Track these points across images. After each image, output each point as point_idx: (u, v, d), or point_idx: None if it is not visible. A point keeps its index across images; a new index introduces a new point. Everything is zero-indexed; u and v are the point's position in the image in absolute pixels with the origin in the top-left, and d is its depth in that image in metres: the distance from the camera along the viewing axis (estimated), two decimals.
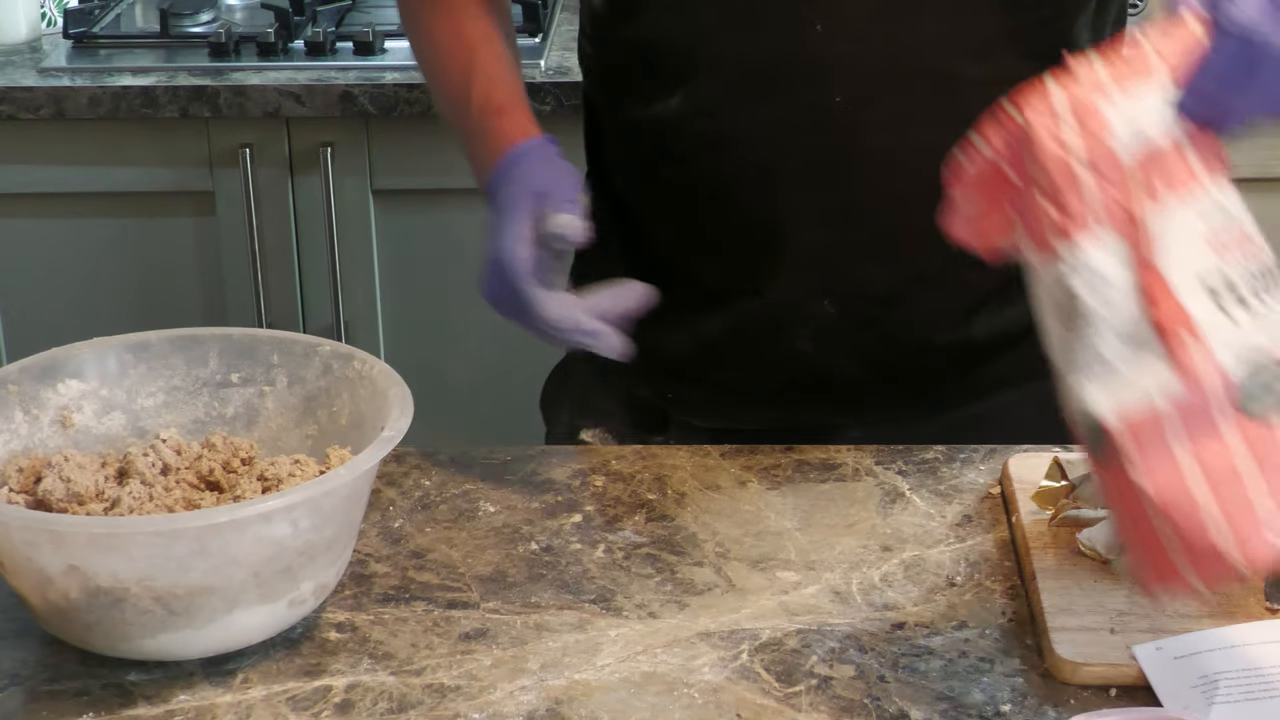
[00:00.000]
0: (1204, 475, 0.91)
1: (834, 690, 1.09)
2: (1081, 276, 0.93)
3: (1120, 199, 0.92)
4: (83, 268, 2.54)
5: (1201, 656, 1.09)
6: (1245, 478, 0.91)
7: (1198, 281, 0.92)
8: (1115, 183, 0.93)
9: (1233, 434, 0.91)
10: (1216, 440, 0.91)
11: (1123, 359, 0.92)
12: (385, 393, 1.19)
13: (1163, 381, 0.91)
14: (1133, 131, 0.93)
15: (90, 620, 1.08)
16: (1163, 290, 0.91)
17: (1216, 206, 0.94)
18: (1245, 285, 0.92)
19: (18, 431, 1.21)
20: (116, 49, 2.56)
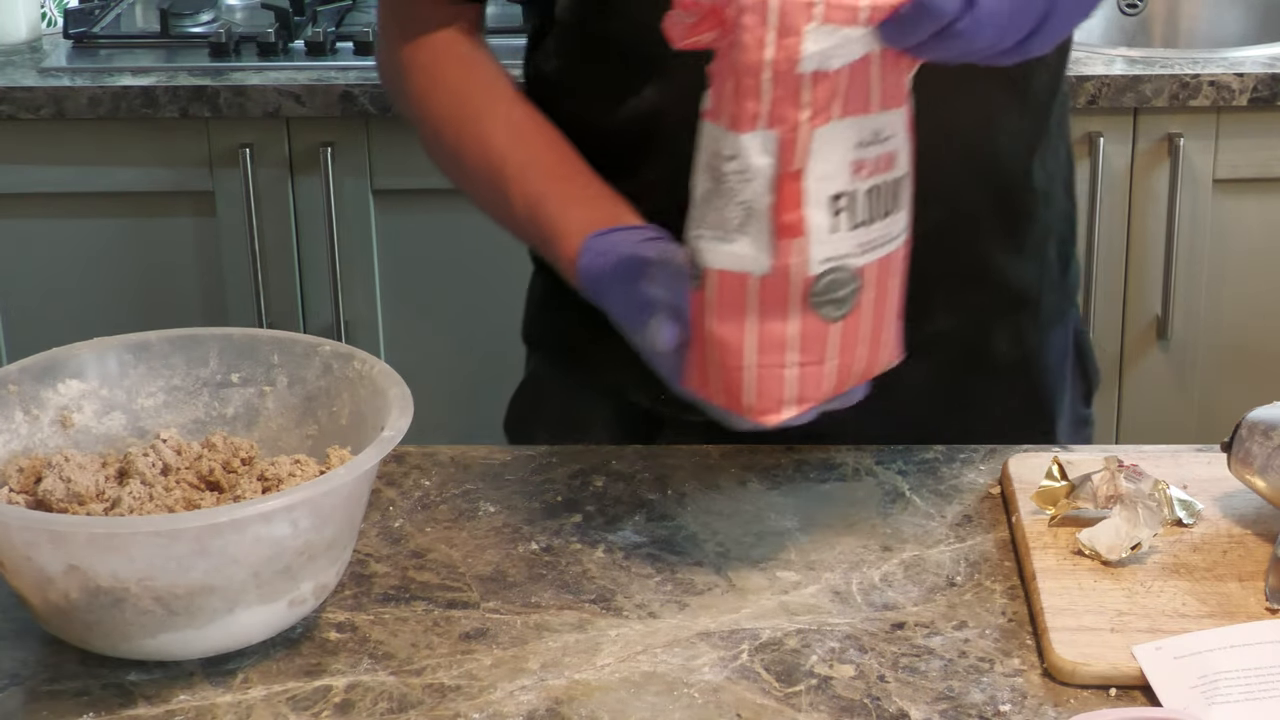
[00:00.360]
0: (758, 343, 1.12)
1: (834, 690, 1.09)
2: (738, 160, 1.09)
3: (789, 114, 1.06)
4: (83, 268, 2.54)
5: (1201, 656, 1.09)
6: (788, 357, 1.12)
7: (827, 196, 1.09)
8: (789, 99, 1.06)
9: (795, 321, 1.11)
10: (780, 321, 1.11)
11: (742, 231, 1.10)
12: (385, 393, 1.19)
13: (762, 262, 1.10)
14: (822, 52, 1.05)
15: (90, 620, 1.08)
16: (795, 200, 1.08)
17: (873, 131, 1.09)
18: (864, 204, 1.10)
19: (18, 431, 1.21)
20: (116, 49, 2.56)
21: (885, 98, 1.10)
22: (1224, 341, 2.57)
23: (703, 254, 1.12)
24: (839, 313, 1.12)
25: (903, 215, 1.14)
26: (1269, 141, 2.47)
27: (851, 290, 1.12)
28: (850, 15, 1.05)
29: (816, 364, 1.13)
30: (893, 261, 1.15)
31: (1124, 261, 2.53)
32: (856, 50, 1.07)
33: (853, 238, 1.11)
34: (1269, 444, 1.22)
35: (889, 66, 1.09)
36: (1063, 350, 1.52)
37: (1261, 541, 1.22)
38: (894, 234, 1.14)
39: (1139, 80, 2.41)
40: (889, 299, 1.16)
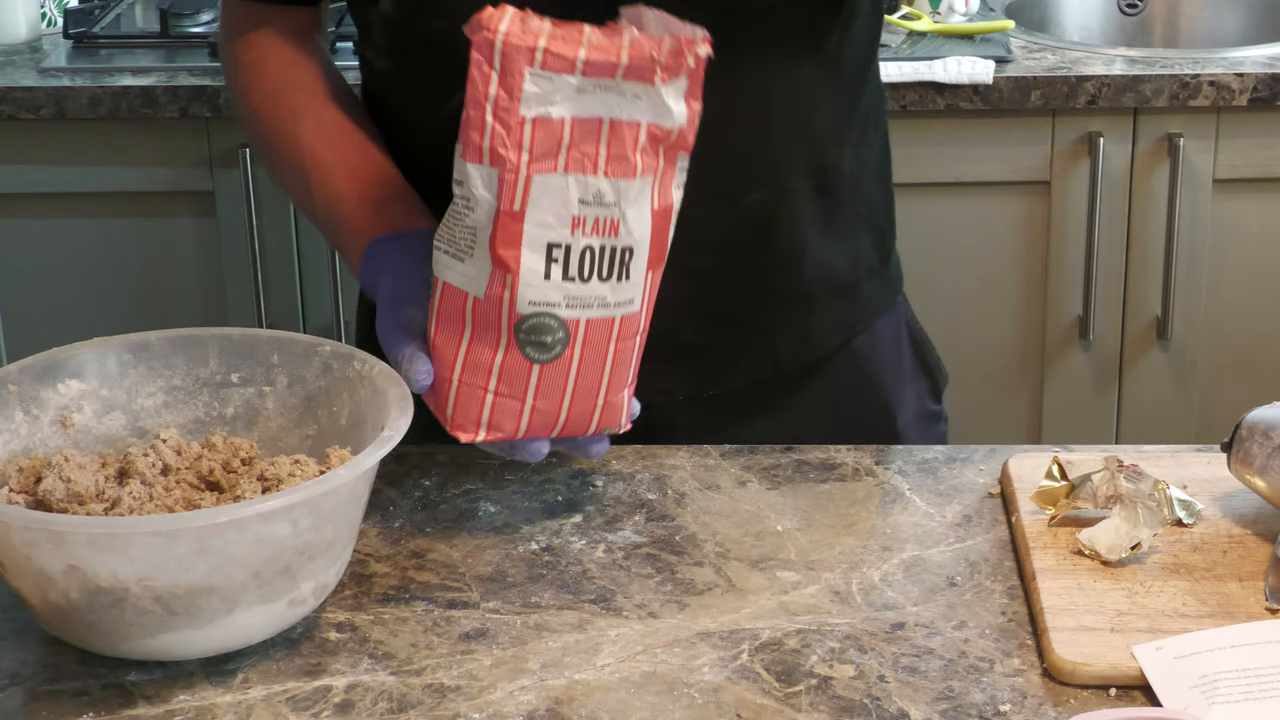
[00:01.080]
0: (466, 361, 1.19)
1: (834, 690, 1.09)
2: (465, 187, 1.16)
3: (510, 155, 1.13)
4: (83, 268, 2.54)
5: (1201, 656, 1.09)
6: (490, 383, 1.19)
7: (543, 242, 1.15)
8: (511, 139, 1.13)
9: (500, 352, 1.18)
10: (489, 347, 1.18)
11: (468, 252, 1.17)
12: (385, 393, 1.19)
13: (480, 286, 1.17)
14: (541, 96, 1.12)
15: (90, 620, 1.08)
16: (510, 238, 1.15)
17: (595, 192, 1.14)
18: (580, 261, 1.15)
19: (18, 431, 1.21)
20: (116, 49, 2.56)
21: (612, 165, 1.14)
22: (1224, 341, 2.57)
23: (437, 264, 1.19)
24: (542, 356, 1.18)
25: (630, 287, 1.18)
26: (1269, 141, 2.47)
27: (558, 339, 1.18)
28: (568, 65, 1.11)
29: (514, 399, 1.20)
30: (612, 327, 1.19)
31: (1124, 261, 2.53)
32: (583, 107, 1.12)
33: (564, 289, 1.16)
34: (1269, 444, 1.22)
35: (621, 137, 1.14)
36: (894, 343, 1.53)
37: (1261, 541, 1.22)
38: (615, 301, 1.18)
39: (1139, 80, 2.41)
40: (608, 364, 1.20)
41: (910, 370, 1.54)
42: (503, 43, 1.11)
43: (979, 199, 2.51)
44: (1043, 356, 2.58)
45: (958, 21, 2.58)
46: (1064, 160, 2.48)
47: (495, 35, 1.11)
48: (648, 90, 1.13)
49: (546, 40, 1.12)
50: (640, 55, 1.12)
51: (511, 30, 1.12)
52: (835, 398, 1.49)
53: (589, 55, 1.12)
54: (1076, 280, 2.52)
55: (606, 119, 1.13)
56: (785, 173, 1.39)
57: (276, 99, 1.44)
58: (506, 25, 1.12)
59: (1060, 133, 2.46)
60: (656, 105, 1.14)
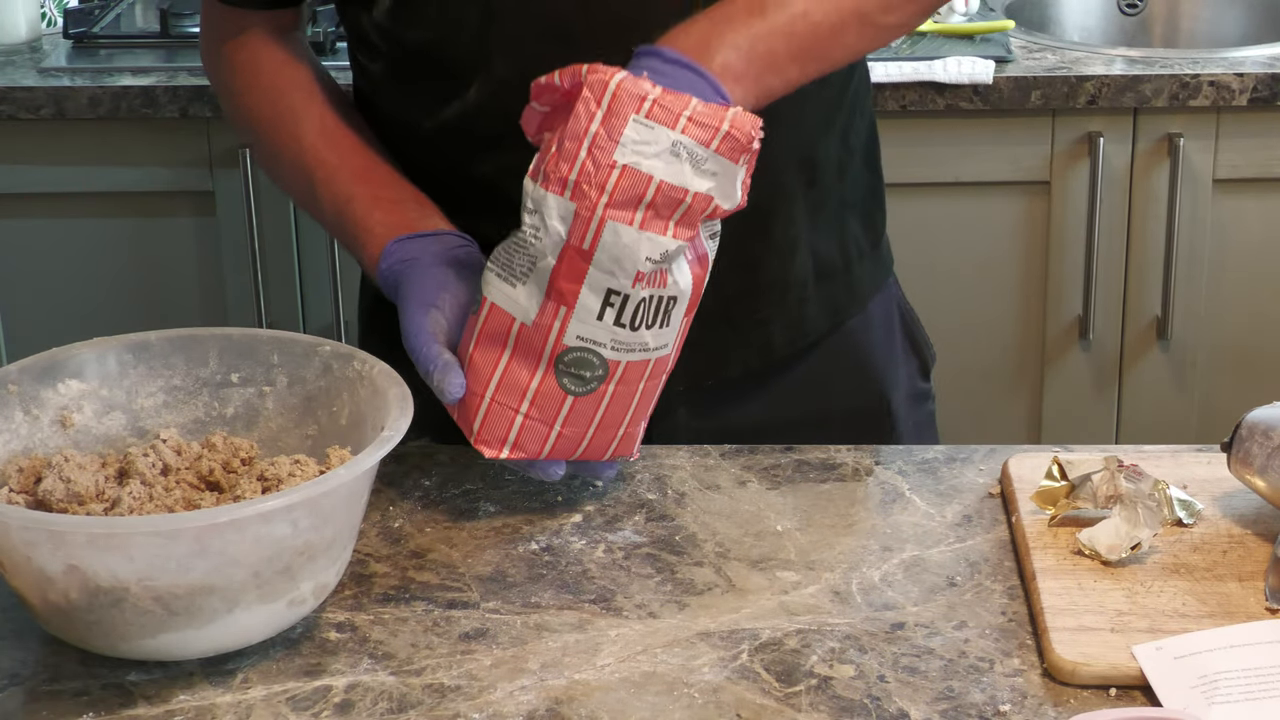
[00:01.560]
0: (502, 381, 1.22)
1: (834, 690, 1.09)
2: (537, 215, 1.18)
3: (592, 193, 1.16)
4: (83, 268, 2.54)
5: (1201, 656, 1.09)
6: (522, 406, 1.23)
7: (604, 286, 1.18)
8: (595, 179, 1.15)
9: (538, 378, 1.22)
10: (527, 371, 1.22)
11: (523, 279, 1.20)
12: (385, 393, 1.19)
13: (530, 313, 1.20)
14: (638, 145, 1.15)
15: (90, 620, 1.08)
16: (574, 274, 1.18)
17: (664, 254, 1.17)
18: (634, 309, 1.19)
19: (18, 431, 1.21)
20: (116, 49, 2.56)
21: (680, 230, 1.17)
22: (1224, 341, 2.57)
23: (487, 285, 1.22)
24: (578, 389, 1.22)
25: (669, 333, 1.22)
26: (1269, 141, 2.47)
27: (597, 375, 1.22)
28: (672, 118, 1.15)
29: (544, 423, 1.23)
30: (645, 369, 1.23)
31: (1124, 261, 2.53)
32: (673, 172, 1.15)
33: (613, 332, 1.20)
34: (1269, 444, 1.22)
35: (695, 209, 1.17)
36: (887, 322, 1.53)
37: (1261, 541, 1.22)
38: (654, 345, 1.22)
39: (1139, 80, 2.41)
40: (635, 400, 1.24)
41: (901, 350, 1.55)
42: (616, 85, 1.15)
43: (979, 199, 2.51)
44: (1043, 356, 2.58)
45: (958, 21, 2.58)
46: (1064, 160, 2.48)
47: (610, 77, 1.15)
48: (728, 168, 1.17)
49: (658, 94, 1.16)
50: (740, 130, 1.16)
51: (626, 79, 1.16)
52: (829, 379, 1.49)
53: (693, 115, 1.16)
54: (1076, 280, 2.52)
55: (691, 193, 1.16)
56: (777, 170, 1.40)
57: (275, 99, 1.44)
58: (623, 75, 1.16)
59: (1060, 133, 2.46)
60: (727, 185, 1.17)
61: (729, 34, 1.22)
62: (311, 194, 1.41)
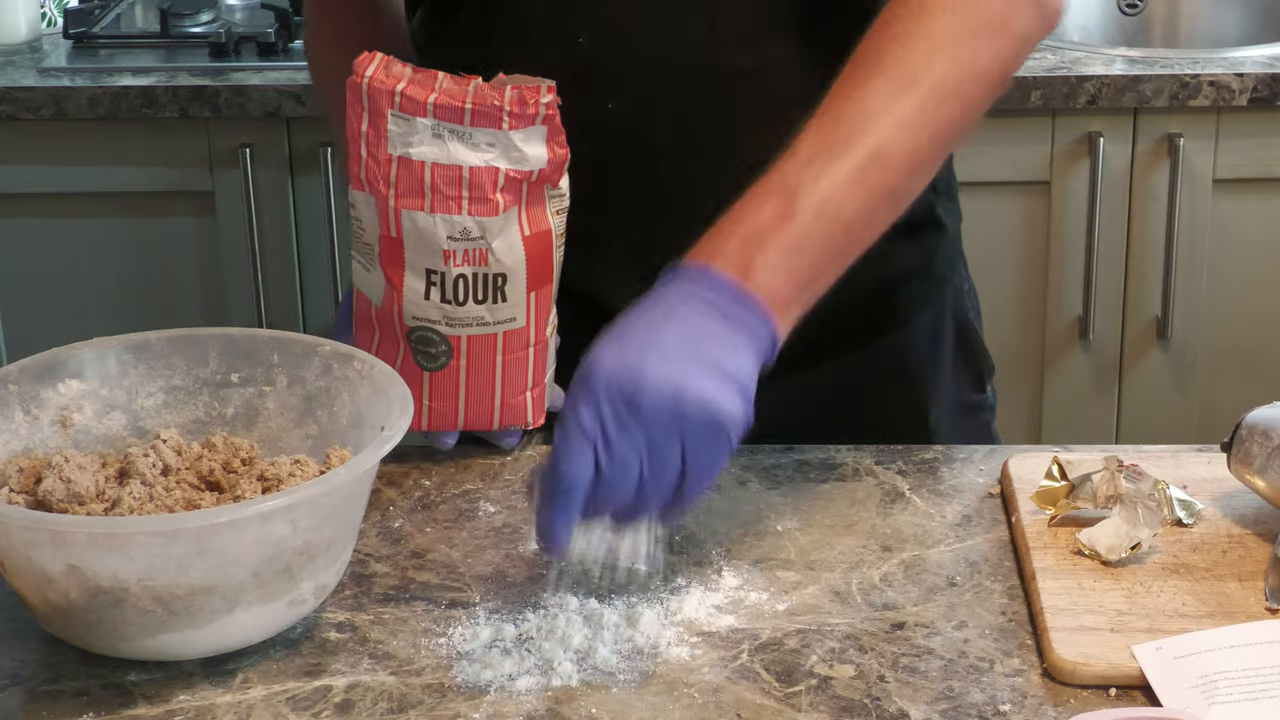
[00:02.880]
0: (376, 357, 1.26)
1: (834, 690, 1.09)
2: (355, 210, 1.29)
3: (380, 188, 1.26)
4: (83, 268, 2.54)
5: (1201, 656, 1.09)
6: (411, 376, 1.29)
7: (422, 267, 1.27)
8: (379, 174, 1.26)
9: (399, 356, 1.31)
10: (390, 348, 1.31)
11: (369, 263, 1.30)
12: (385, 393, 1.19)
13: (378, 293, 1.30)
14: (402, 137, 1.25)
15: (90, 620, 1.08)
16: (394, 259, 1.28)
17: (463, 231, 1.27)
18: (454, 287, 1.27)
19: (18, 431, 1.21)
20: (116, 49, 2.56)
21: (475, 205, 1.26)
22: (1224, 341, 2.57)
23: (353, 272, 1.33)
24: (430, 365, 1.31)
25: (510, 308, 1.30)
26: (1269, 141, 2.47)
27: (442, 351, 1.31)
28: (420, 108, 1.24)
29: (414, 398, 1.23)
30: (495, 342, 1.30)
31: (1124, 261, 2.53)
32: (442, 152, 1.25)
33: (443, 310, 1.29)
34: (1269, 444, 1.22)
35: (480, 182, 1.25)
36: (933, 334, 1.50)
37: (1261, 541, 1.22)
38: (495, 320, 1.30)
39: (1139, 80, 2.41)
40: (498, 373, 1.32)
41: (952, 362, 1.52)
42: (368, 85, 1.25)
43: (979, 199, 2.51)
44: (1043, 356, 2.58)
45: None
46: (1064, 160, 2.47)
47: (362, 79, 1.25)
48: (500, 136, 1.25)
49: (405, 85, 1.25)
50: (484, 102, 1.24)
51: (376, 74, 1.25)
52: (865, 387, 1.47)
53: (439, 99, 1.24)
54: (1076, 280, 2.52)
55: (466, 166, 1.25)
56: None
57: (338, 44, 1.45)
58: (372, 70, 1.26)
59: (1060, 133, 2.46)
60: (510, 150, 1.25)
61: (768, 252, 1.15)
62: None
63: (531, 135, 1.25)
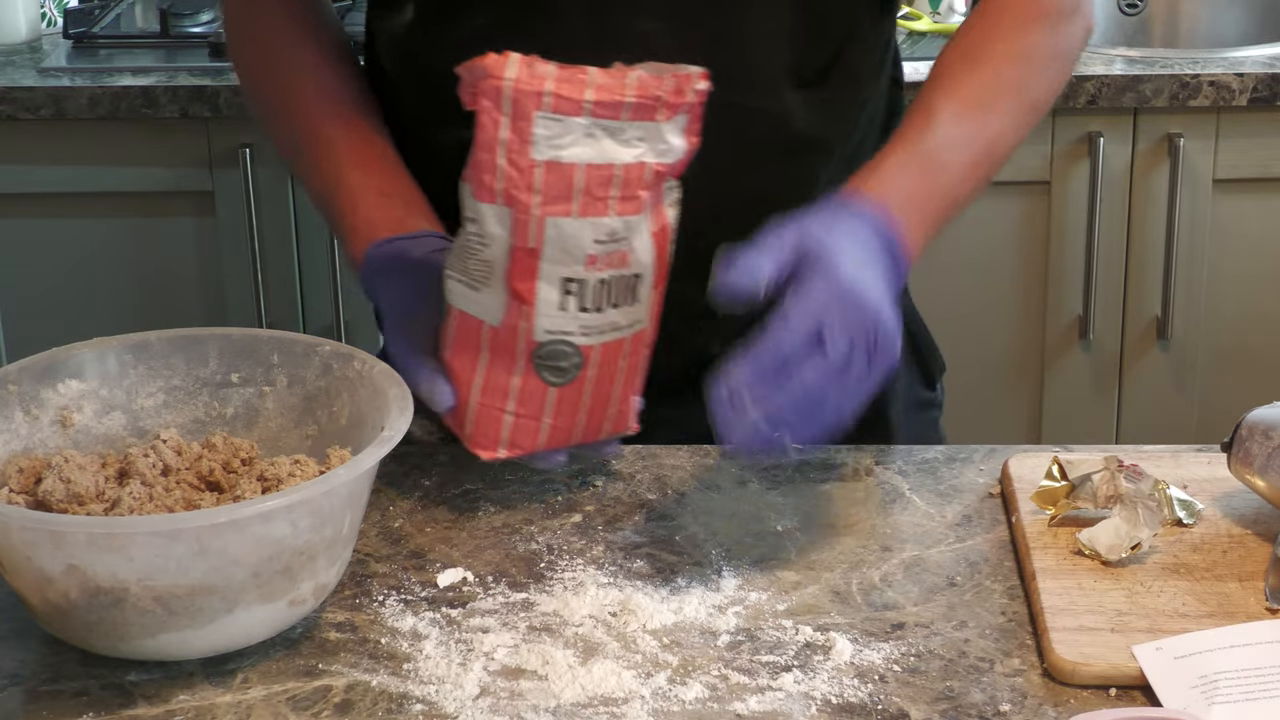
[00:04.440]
0: (484, 384, 1.22)
1: (834, 690, 1.09)
2: (477, 225, 1.19)
3: (523, 197, 1.16)
4: (83, 268, 2.54)
5: (1201, 656, 1.09)
6: (508, 405, 1.22)
7: (559, 277, 1.18)
8: (522, 183, 1.16)
9: (518, 376, 1.22)
10: (505, 371, 1.22)
11: (483, 283, 1.20)
12: (385, 393, 1.19)
13: (495, 315, 1.20)
14: (551, 140, 1.15)
15: (90, 620, 1.08)
16: (527, 273, 1.18)
17: (610, 233, 1.18)
18: (594, 292, 1.19)
19: (18, 431, 1.21)
20: (116, 49, 2.56)
21: (623, 205, 1.18)
22: (1224, 341, 2.57)
23: (450, 294, 1.22)
24: (559, 380, 1.22)
25: (638, 309, 1.22)
26: (1269, 141, 2.47)
27: (573, 364, 1.21)
28: (575, 107, 1.15)
29: (532, 418, 1.23)
30: (622, 347, 1.23)
31: (1124, 261, 2.53)
32: (596, 151, 1.16)
33: (579, 319, 1.20)
34: (1269, 444, 1.22)
35: (630, 180, 1.17)
36: None
37: (1261, 541, 1.22)
38: (625, 324, 1.22)
39: (1139, 80, 2.41)
40: (617, 379, 1.24)
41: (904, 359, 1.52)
42: (512, 89, 1.14)
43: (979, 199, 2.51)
44: (1043, 356, 2.58)
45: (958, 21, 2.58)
46: (1064, 160, 2.48)
47: (503, 82, 1.14)
48: (650, 128, 1.17)
49: (554, 84, 1.14)
50: (645, 94, 1.16)
51: (520, 76, 1.14)
52: None
53: (596, 96, 1.15)
54: (1076, 280, 2.52)
55: (619, 164, 1.16)
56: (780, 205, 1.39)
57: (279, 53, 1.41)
58: (514, 71, 1.14)
59: (1060, 133, 2.46)
60: (658, 143, 1.17)
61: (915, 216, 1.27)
62: (301, 160, 1.39)
63: (676, 125, 1.18)
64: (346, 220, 1.35)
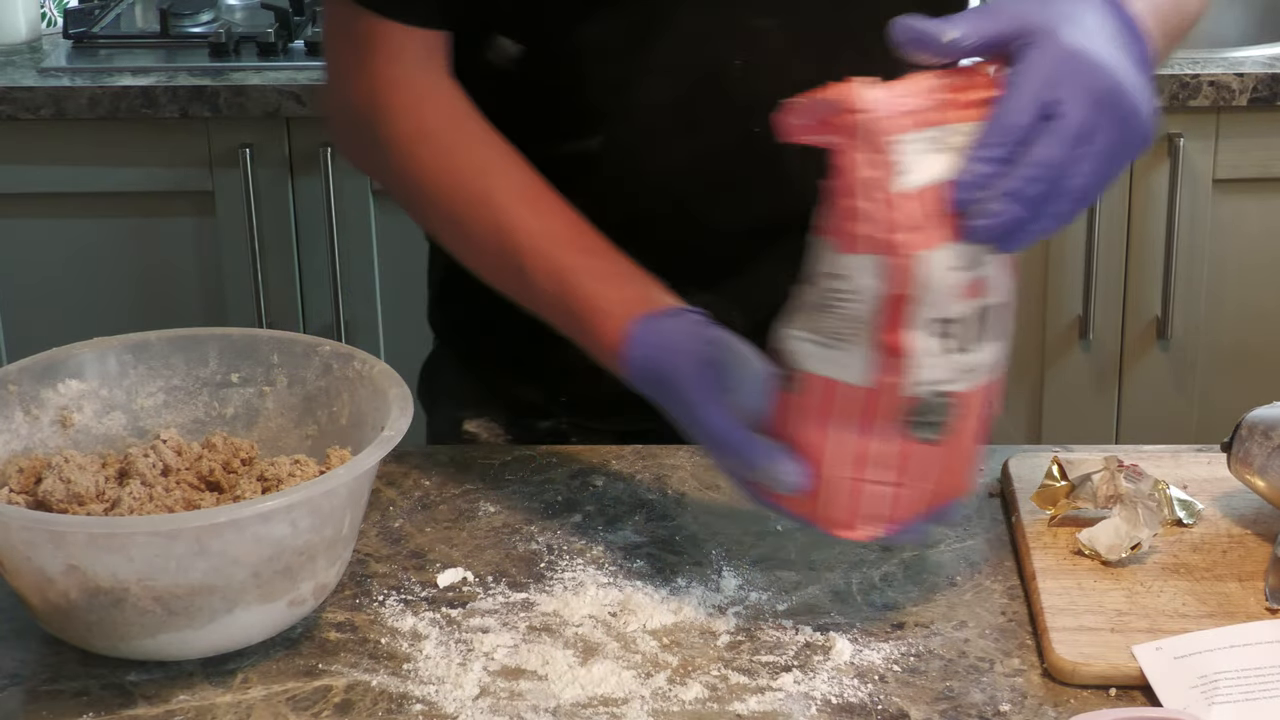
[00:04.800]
0: (843, 455, 1.10)
1: (834, 690, 1.09)
2: (841, 279, 1.07)
3: (893, 236, 1.04)
4: (83, 268, 2.54)
5: (1201, 656, 1.09)
6: (871, 474, 1.10)
7: (931, 319, 1.06)
8: (890, 221, 1.04)
9: (884, 439, 1.09)
10: (869, 436, 1.09)
11: (844, 342, 1.07)
12: (385, 393, 1.19)
13: (859, 375, 1.08)
14: (918, 165, 1.04)
15: (90, 620, 1.08)
16: (899, 322, 1.05)
17: (972, 258, 1.05)
18: (966, 329, 1.07)
19: (18, 431, 1.21)
20: (116, 49, 2.56)
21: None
22: (1224, 341, 2.57)
23: (799, 357, 1.09)
24: (931, 437, 1.09)
25: (1001, 346, 1.11)
26: (1269, 141, 2.47)
27: (946, 417, 1.09)
28: (918, 121, 1.04)
29: (899, 485, 1.11)
30: (988, 391, 1.11)
31: (1124, 261, 2.53)
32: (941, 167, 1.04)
33: (953, 363, 1.08)
34: (1269, 444, 1.22)
35: None
36: None
37: (1261, 541, 1.22)
38: (991, 363, 1.10)
39: None
40: (977, 430, 1.13)
41: None
42: (867, 120, 1.04)
43: None
44: (1043, 356, 2.58)
45: None
46: None
47: (857, 115, 1.04)
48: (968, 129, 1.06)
49: (898, 103, 1.04)
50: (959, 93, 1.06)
51: (873, 105, 1.04)
52: None
53: (927, 102, 1.05)
54: (1076, 280, 2.52)
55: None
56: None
57: (452, 148, 1.31)
58: (867, 101, 1.04)
59: None
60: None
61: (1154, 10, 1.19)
62: (509, 261, 1.27)
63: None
64: (588, 304, 1.23)
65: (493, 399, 1.50)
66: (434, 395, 1.56)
